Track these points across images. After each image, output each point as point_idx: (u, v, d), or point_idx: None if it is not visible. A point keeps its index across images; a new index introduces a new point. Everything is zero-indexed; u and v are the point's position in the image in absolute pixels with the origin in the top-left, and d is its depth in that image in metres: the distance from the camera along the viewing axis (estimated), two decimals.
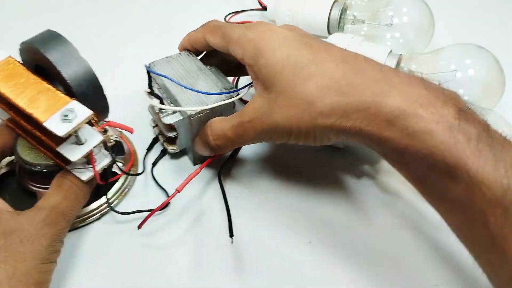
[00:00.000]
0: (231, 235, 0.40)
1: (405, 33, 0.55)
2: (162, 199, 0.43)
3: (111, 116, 0.45)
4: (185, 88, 0.43)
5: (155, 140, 0.49)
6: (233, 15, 0.64)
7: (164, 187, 0.45)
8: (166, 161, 0.48)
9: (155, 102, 0.42)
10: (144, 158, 0.47)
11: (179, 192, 0.40)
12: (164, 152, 0.48)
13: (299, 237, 0.41)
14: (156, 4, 0.70)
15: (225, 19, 0.63)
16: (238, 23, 0.62)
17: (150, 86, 0.44)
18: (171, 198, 0.40)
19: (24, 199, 0.43)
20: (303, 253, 0.40)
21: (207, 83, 0.44)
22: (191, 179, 0.41)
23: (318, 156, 0.48)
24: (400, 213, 0.43)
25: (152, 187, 0.45)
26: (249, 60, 0.38)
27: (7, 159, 0.45)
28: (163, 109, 0.43)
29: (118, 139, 0.45)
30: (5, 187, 0.45)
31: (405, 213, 0.43)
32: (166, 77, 0.43)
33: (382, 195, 0.44)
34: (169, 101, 0.44)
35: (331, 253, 0.40)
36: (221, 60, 0.46)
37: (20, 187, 0.43)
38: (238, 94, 0.43)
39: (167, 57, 0.47)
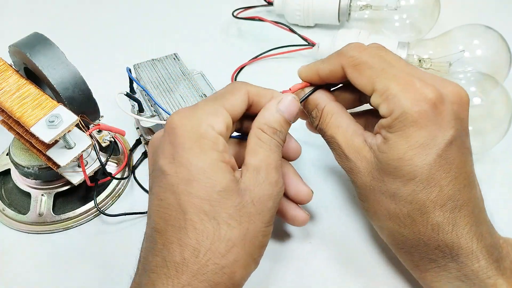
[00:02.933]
0: None
1: (411, 15, 0.55)
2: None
3: (105, 118, 0.45)
4: (154, 101, 0.43)
5: (138, 142, 0.49)
6: (242, 11, 0.62)
7: (147, 189, 0.45)
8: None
9: (122, 106, 0.41)
10: (128, 160, 0.47)
11: None
12: (145, 155, 0.47)
13: (299, 237, 0.41)
14: (156, 2, 0.69)
15: (233, 14, 0.62)
16: (247, 18, 0.61)
17: (131, 89, 0.44)
18: None
19: (19, 198, 0.44)
20: (303, 253, 0.40)
21: (187, 88, 0.44)
22: None
23: (318, 156, 0.47)
24: None
25: (138, 189, 0.45)
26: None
27: (5, 158, 0.46)
28: (142, 113, 0.43)
29: (112, 140, 0.44)
30: (2, 185, 0.45)
31: None
32: (139, 85, 0.44)
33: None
34: (149, 104, 0.44)
35: (331, 253, 0.39)
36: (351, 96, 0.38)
37: (16, 186, 0.44)
38: None
39: (152, 59, 0.46)
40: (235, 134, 0.36)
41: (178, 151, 0.30)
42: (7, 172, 0.45)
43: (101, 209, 0.43)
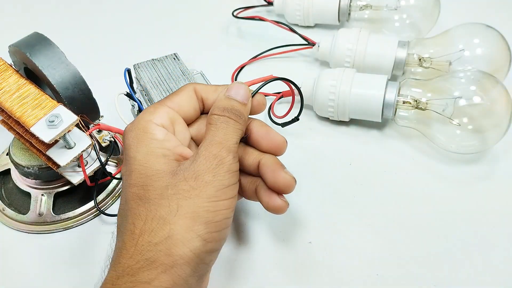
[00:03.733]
0: None
1: (411, 15, 0.55)
2: None
3: (105, 118, 0.45)
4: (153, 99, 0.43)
5: None
6: (242, 11, 0.62)
7: None
8: None
9: (120, 107, 0.41)
10: None
11: None
12: None
13: (299, 237, 0.41)
14: (156, 2, 0.69)
15: (233, 14, 0.62)
16: (247, 18, 0.60)
17: (131, 89, 0.44)
18: None
19: (19, 198, 0.44)
20: (303, 253, 0.39)
21: None
22: None
23: (318, 156, 0.47)
24: (400, 213, 0.42)
25: None
26: None
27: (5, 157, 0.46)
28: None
29: (112, 139, 0.44)
30: (2, 185, 0.45)
31: (404, 213, 0.42)
32: (130, 90, 0.44)
33: (382, 196, 0.43)
34: (149, 103, 0.44)
35: (331, 253, 0.39)
36: None
37: (16, 186, 0.44)
38: None
39: (152, 59, 0.46)
40: None
41: (126, 152, 0.33)
42: (7, 172, 0.45)
43: (101, 209, 0.43)
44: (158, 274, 0.28)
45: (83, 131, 0.38)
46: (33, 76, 0.39)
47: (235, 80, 0.53)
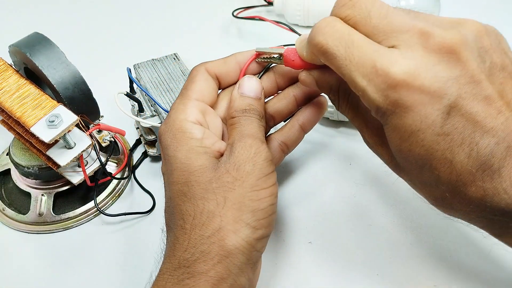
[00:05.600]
0: None
1: None
2: (148, 201, 0.43)
3: (105, 118, 0.45)
4: (154, 100, 0.43)
5: (138, 142, 0.49)
6: (242, 11, 0.62)
7: (148, 189, 0.45)
8: (149, 163, 0.48)
9: (121, 106, 0.41)
10: (128, 160, 0.47)
11: None
12: (145, 155, 0.47)
13: (299, 237, 0.41)
14: (156, 2, 0.69)
15: (233, 14, 0.62)
16: (247, 18, 0.61)
17: (131, 89, 0.44)
18: None
19: (19, 198, 0.44)
20: (303, 253, 0.39)
21: None
22: None
23: (318, 156, 0.47)
24: (400, 213, 0.42)
25: (138, 189, 0.45)
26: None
27: (5, 158, 0.46)
28: (142, 113, 0.43)
29: (112, 140, 0.44)
30: (2, 185, 0.45)
31: (404, 213, 0.42)
32: (139, 86, 0.43)
33: (382, 196, 0.43)
34: (149, 103, 0.44)
35: (331, 253, 0.39)
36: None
37: (16, 186, 0.44)
38: None
39: (152, 59, 0.46)
40: None
41: (164, 152, 0.33)
42: (7, 172, 0.45)
43: (101, 209, 0.43)
44: (213, 264, 0.29)
45: (83, 131, 0.38)
46: (33, 76, 0.39)
47: None
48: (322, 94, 0.37)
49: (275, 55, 0.35)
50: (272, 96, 0.38)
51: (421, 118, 0.26)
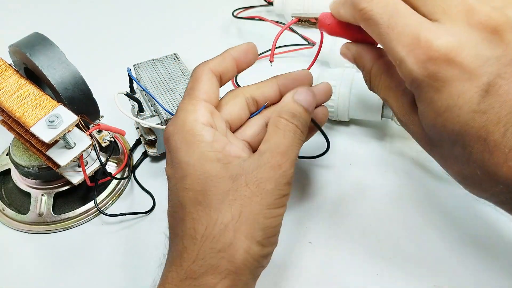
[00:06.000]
0: None
1: None
2: (148, 201, 0.43)
3: (105, 118, 0.45)
4: (156, 101, 0.43)
5: (138, 142, 0.49)
6: (242, 11, 0.62)
7: (148, 189, 0.45)
8: (149, 163, 0.48)
9: (121, 106, 0.41)
10: (128, 160, 0.47)
11: None
12: (145, 155, 0.47)
13: (299, 237, 0.41)
14: (156, 2, 0.69)
15: (233, 14, 0.62)
16: (247, 18, 0.61)
17: (131, 89, 0.44)
18: None
19: (19, 198, 0.44)
20: (303, 253, 0.40)
21: None
22: None
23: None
24: (400, 215, 0.42)
25: (138, 189, 0.45)
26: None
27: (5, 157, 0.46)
28: (142, 113, 0.43)
29: (112, 140, 0.44)
30: (2, 185, 0.45)
31: (405, 215, 0.42)
32: (139, 85, 0.43)
33: (382, 196, 0.43)
34: (149, 103, 0.44)
35: (331, 253, 0.39)
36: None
37: (16, 186, 0.44)
38: None
39: (152, 59, 0.46)
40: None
41: (173, 155, 0.32)
42: (7, 172, 0.45)
43: (101, 209, 0.43)
44: (221, 279, 0.29)
45: (83, 131, 0.38)
46: (33, 76, 0.39)
47: (235, 81, 0.53)
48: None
49: (312, 19, 0.35)
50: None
51: (458, 93, 0.27)
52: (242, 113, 0.36)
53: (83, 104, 0.38)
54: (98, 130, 0.41)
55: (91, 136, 0.38)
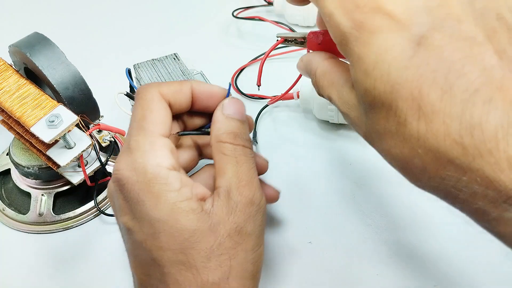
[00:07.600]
0: None
1: None
2: None
3: (105, 118, 0.45)
4: None
5: None
6: (242, 11, 0.62)
7: None
8: None
9: (121, 105, 0.41)
10: None
11: None
12: None
13: (299, 237, 0.41)
14: (156, 2, 0.69)
15: (233, 14, 0.62)
16: (247, 18, 0.61)
17: (131, 89, 0.44)
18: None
19: (19, 198, 0.44)
20: (303, 253, 0.40)
21: None
22: None
23: (319, 158, 0.47)
24: (400, 214, 0.42)
25: None
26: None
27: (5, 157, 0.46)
28: None
29: (112, 139, 0.44)
30: (2, 185, 0.45)
31: (404, 214, 0.42)
32: (135, 88, 0.43)
33: (382, 196, 0.43)
34: None
35: (331, 253, 0.39)
36: None
37: (16, 186, 0.44)
38: None
39: (152, 59, 0.46)
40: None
41: (135, 207, 0.28)
42: (7, 172, 0.45)
43: (101, 209, 0.43)
44: None
45: (83, 131, 0.38)
46: (33, 76, 0.39)
47: (235, 82, 0.53)
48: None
49: (300, 39, 0.33)
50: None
51: (387, 46, 0.23)
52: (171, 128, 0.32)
53: (83, 104, 0.38)
54: (98, 130, 0.41)
55: (91, 136, 0.38)
